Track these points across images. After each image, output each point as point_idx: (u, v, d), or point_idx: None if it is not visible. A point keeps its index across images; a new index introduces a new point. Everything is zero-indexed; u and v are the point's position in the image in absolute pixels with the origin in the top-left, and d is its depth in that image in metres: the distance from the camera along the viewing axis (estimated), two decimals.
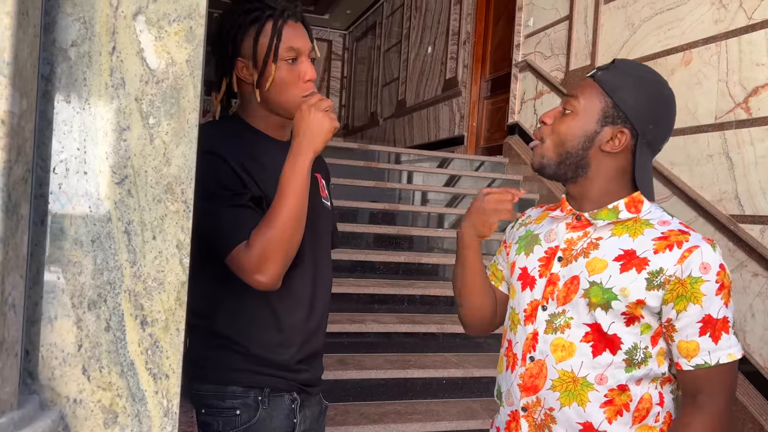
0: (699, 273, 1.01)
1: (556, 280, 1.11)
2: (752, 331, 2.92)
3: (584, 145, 1.09)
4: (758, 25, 3.03)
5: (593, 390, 1.06)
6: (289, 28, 1.24)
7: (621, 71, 1.10)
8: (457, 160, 5.52)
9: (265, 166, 1.23)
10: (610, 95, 1.08)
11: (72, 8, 0.69)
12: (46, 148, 0.69)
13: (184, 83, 0.73)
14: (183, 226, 0.73)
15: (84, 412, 0.71)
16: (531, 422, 1.11)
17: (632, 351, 1.05)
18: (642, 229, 1.08)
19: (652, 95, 1.10)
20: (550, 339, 1.10)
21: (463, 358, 3.20)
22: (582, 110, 1.09)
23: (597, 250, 1.09)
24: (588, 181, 1.11)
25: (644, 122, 1.08)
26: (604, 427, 1.06)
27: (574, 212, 1.14)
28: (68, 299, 0.70)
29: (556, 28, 4.82)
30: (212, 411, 1.24)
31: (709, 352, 1.02)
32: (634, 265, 1.04)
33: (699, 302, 1.01)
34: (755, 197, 2.98)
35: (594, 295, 1.06)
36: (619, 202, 1.10)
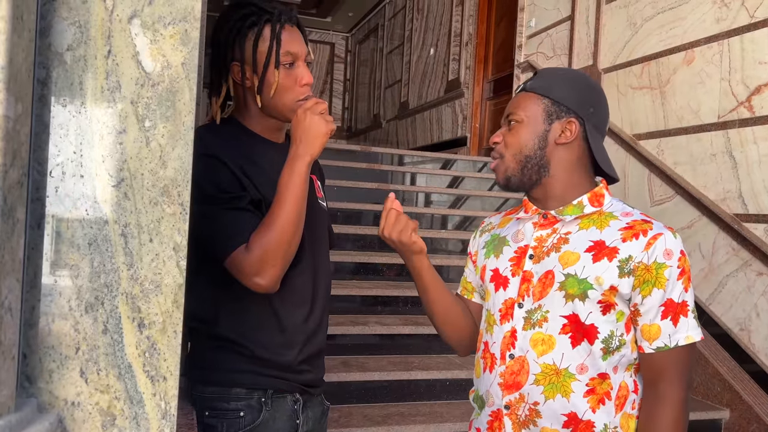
0: (663, 259, 1.06)
1: (530, 277, 1.15)
2: (757, 330, 2.91)
3: (540, 145, 1.15)
4: (760, 24, 3.02)
5: (575, 380, 1.09)
6: (286, 32, 1.25)
7: (544, 76, 1.19)
8: (460, 161, 5.52)
9: (263, 168, 1.24)
10: (546, 95, 1.16)
11: (68, 12, 0.69)
12: (42, 151, 0.69)
13: (179, 86, 0.73)
14: (180, 228, 0.74)
15: (82, 414, 0.71)
16: (515, 419, 1.12)
17: (608, 339, 1.09)
18: (607, 221, 1.13)
19: (581, 84, 1.19)
20: (529, 335, 1.12)
21: (467, 359, 3.19)
22: (526, 117, 1.16)
23: (567, 244, 1.13)
24: (551, 179, 1.16)
25: (585, 107, 1.15)
26: (588, 416, 1.09)
27: (540, 211, 1.19)
28: (65, 302, 0.70)
29: (558, 28, 4.82)
30: (216, 413, 1.24)
31: (669, 335, 1.07)
32: (606, 255, 1.09)
33: (662, 287, 1.06)
34: (759, 196, 2.97)
35: (570, 287, 1.09)
36: (583, 197, 1.16)
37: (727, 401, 2.98)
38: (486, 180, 5.25)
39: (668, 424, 1.06)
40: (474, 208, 5.01)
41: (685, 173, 3.44)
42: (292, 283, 1.25)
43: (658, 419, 1.07)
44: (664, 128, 3.61)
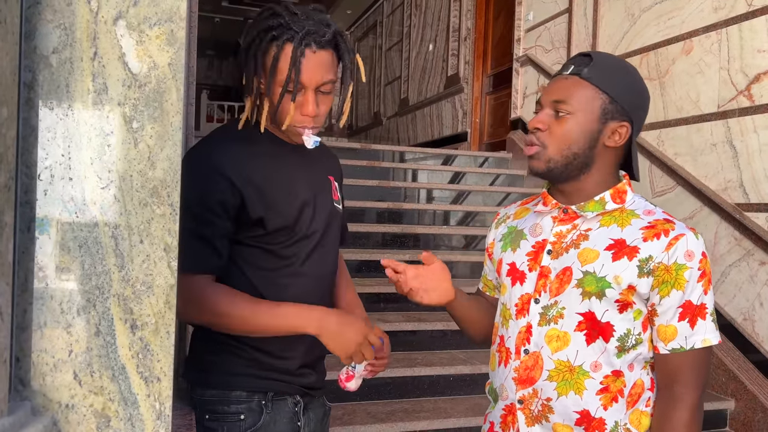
0: (684, 260, 1.04)
1: (547, 273, 1.12)
2: (761, 320, 2.90)
3: (590, 144, 1.09)
4: (758, 12, 3.00)
5: (589, 378, 1.08)
6: (306, 59, 1.14)
7: (603, 66, 1.09)
8: (461, 156, 5.52)
9: (280, 177, 1.24)
10: (604, 91, 1.07)
11: (52, 15, 0.69)
12: (30, 155, 0.69)
13: (167, 86, 0.73)
14: (170, 229, 0.73)
15: (76, 417, 0.71)
16: (528, 414, 1.12)
17: (624, 338, 1.08)
18: (629, 219, 1.10)
19: (636, 85, 1.12)
20: (544, 331, 1.11)
21: (471, 354, 3.19)
22: (579, 110, 1.08)
23: (587, 240, 1.10)
24: (589, 176, 1.12)
25: (637, 111, 1.11)
26: (600, 414, 1.08)
27: (560, 206, 1.15)
28: (57, 305, 0.70)
29: (556, 21, 4.80)
30: (216, 416, 1.24)
31: (685, 337, 1.05)
32: (626, 254, 1.06)
33: (681, 288, 1.04)
34: (760, 185, 2.95)
35: (588, 284, 1.07)
36: (605, 193, 1.12)
37: (732, 391, 2.98)
38: (487, 175, 5.24)
39: (681, 426, 1.05)
40: (476, 203, 5.00)
41: (686, 164, 3.43)
42: (293, 292, 1.25)
43: (672, 422, 1.05)
44: (663, 119, 3.60)
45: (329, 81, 1.18)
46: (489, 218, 4.75)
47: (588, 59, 1.11)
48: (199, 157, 1.22)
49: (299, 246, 1.26)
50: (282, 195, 1.23)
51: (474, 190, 5.01)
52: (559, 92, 1.10)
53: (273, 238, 1.23)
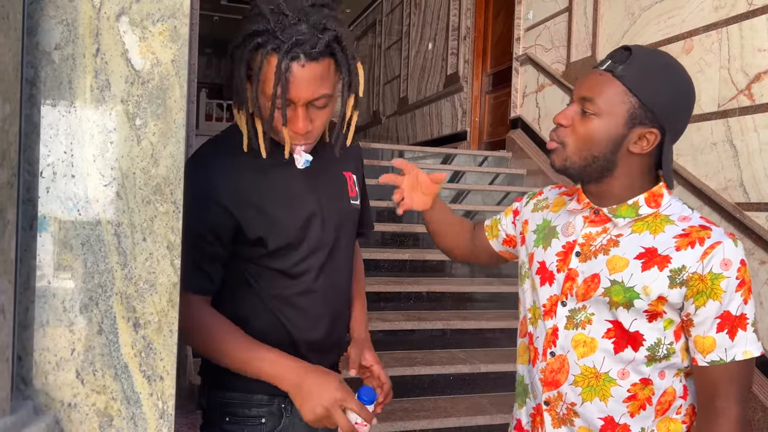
0: (720, 269, 0.98)
1: (574, 276, 1.08)
2: (761, 319, 2.90)
3: (612, 149, 1.03)
4: (759, 11, 3.00)
5: (616, 385, 1.05)
6: (293, 74, 1.02)
7: (641, 64, 1.02)
8: (461, 155, 5.51)
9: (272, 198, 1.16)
10: (635, 94, 1.01)
11: (55, 11, 0.69)
12: (32, 152, 0.69)
13: (170, 83, 0.73)
14: (173, 227, 0.73)
15: (79, 416, 0.70)
16: (554, 416, 1.10)
17: (654, 347, 1.03)
18: (662, 225, 1.04)
19: (675, 88, 1.03)
20: (571, 335, 1.08)
21: (471, 353, 3.19)
22: (605, 112, 1.02)
23: (617, 247, 1.05)
24: (613, 179, 1.07)
25: (672, 118, 1.03)
26: (624, 420, 1.05)
27: (592, 206, 1.10)
28: (60, 303, 0.70)
29: (555, 20, 4.80)
30: (237, 420, 1.21)
31: (725, 349, 1.00)
32: (656, 263, 1.01)
33: (718, 298, 0.99)
34: (760, 184, 2.95)
35: (615, 294, 1.03)
36: (639, 197, 1.06)
37: None
38: (487, 174, 5.23)
39: None
40: (475, 202, 5.00)
41: (686, 163, 3.42)
42: (301, 304, 1.21)
43: None
44: None
45: (322, 96, 1.05)
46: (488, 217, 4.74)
47: (627, 54, 1.03)
48: (196, 177, 1.06)
49: (309, 262, 1.20)
50: (283, 212, 1.15)
51: (473, 189, 5.00)
52: (589, 89, 1.04)
53: (278, 257, 1.16)
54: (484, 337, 3.36)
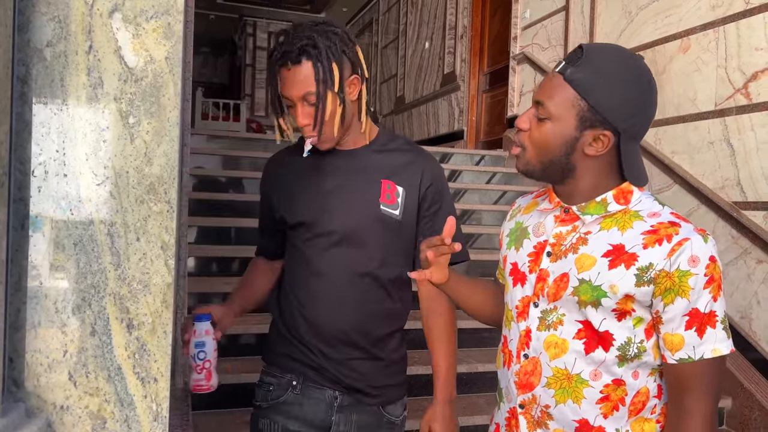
0: (687, 266, 0.97)
1: (545, 276, 1.08)
2: (758, 318, 2.90)
3: (566, 152, 1.04)
4: (756, 10, 3.00)
5: (588, 387, 1.04)
6: (281, 75, 1.26)
7: (592, 67, 1.01)
8: (458, 155, 5.50)
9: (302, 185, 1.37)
10: (584, 97, 1.00)
11: (46, 7, 0.68)
12: (24, 150, 0.68)
13: (164, 81, 0.72)
14: (167, 226, 0.72)
15: (71, 418, 0.69)
16: (529, 419, 1.10)
17: (625, 347, 1.03)
18: (631, 221, 1.03)
19: (628, 89, 1.01)
20: (543, 336, 1.08)
21: (467, 353, 3.18)
22: (557, 116, 1.02)
23: (586, 245, 1.05)
24: (575, 181, 1.07)
25: (624, 120, 1.01)
26: (599, 423, 1.04)
27: (563, 205, 1.10)
28: (52, 304, 0.69)
29: (552, 19, 4.79)
30: (259, 383, 1.40)
31: (693, 347, 0.99)
32: (623, 261, 1.01)
33: (686, 296, 0.98)
34: (757, 183, 2.95)
35: (584, 293, 1.03)
36: (608, 194, 1.06)
37: (729, 389, 2.98)
38: (484, 173, 5.23)
39: None
40: (472, 201, 4.99)
41: (683, 162, 3.42)
42: (310, 285, 1.33)
43: None
44: (661, 117, 3.60)
45: (309, 93, 1.24)
46: (485, 216, 4.74)
47: (580, 55, 1.02)
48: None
49: (317, 244, 1.33)
50: (301, 195, 1.35)
51: (470, 188, 4.99)
52: (541, 92, 1.05)
53: (295, 235, 1.36)
54: (480, 336, 3.34)
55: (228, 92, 14.02)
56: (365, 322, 1.34)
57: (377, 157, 1.36)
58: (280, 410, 1.33)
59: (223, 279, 3.39)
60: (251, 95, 12.09)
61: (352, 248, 1.32)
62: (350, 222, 1.32)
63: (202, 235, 3.83)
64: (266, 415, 1.35)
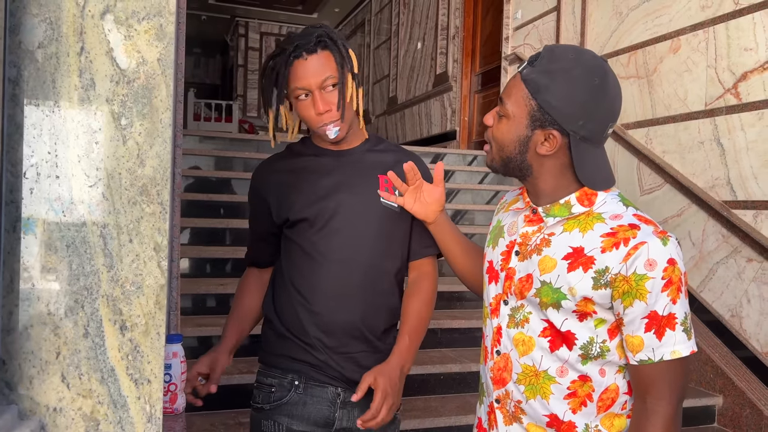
0: (644, 270, 0.98)
1: (512, 275, 1.11)
2: (748, 316, 2.92)
3: (521, 150, 1.07)
4: (745, 10, 3.03)
5: (555, 383, 1.06)
6: (296, 68, 1.29)
7: (546, 67, 1.03)
8: (450, 155, 5.51)
9: (301, 186, 1.37)
10: (533, 97, 1.03)
11: (38, 9, 0.68)
12: (15, 152, 0.67)
13: (156, 82, 0.72)
14: (160, 228, 0.72)
15: (65, 420, 0.69)
16: (505, 413, 1.12)
17: (587, 346, 1.04)
18: (592, 223, 1.04)
19: (578, 90, 1.02)
20: (512, 333, 1.10)
21: (461, 352, 3.19)
22: (512, 115, 1.06)
23: (549, 247, 1.07)
24: (535, 179, 1.09)
25: (572, 121, 1.02)
26: (569, 417, 1.06)
27: (531, 205, 1.13)
28: (44, 306, 0.69)
29: (544, 19, 4.81)
30: (258, 385, 1.40)
31: (652, 349, 1.00)
32: (581, 264, 1.02)
33: (644, 299, 0.99)
34: (747, 182, 2.98)
35: (545, 295, 1.05)
36: (571, 196, 1.07)
37: (719, 387, 3.00)
38: (476, 173, 5.24)
39: None
40: (465, 201, 5.00)
41: (674, 161, 3.45)
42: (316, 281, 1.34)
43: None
44: (651, 117, 3.62)
45: (329, 77, 1.29)
46: (478, 216, 4.75)
47: (538, 56, 1.06)
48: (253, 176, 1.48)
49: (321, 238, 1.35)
50: (302, 193, 1.36)
51: (463, 188, 5.01)
52: (504, 90, 1.09)
53: (297, 230, 1.37)
54: (473, 336, 3.36)
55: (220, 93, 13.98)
56: (372, 315, 1.37)
57: (371, 155, 1.42)
58: (283, 411, 1.34)
59: (217, 280, 3.38)
60: (243, 96, 12.06)
61: (355, 241, 1.34)
62: (353, 215, 1.35)
63: (195, 236, 3.82)
64: (269, 416, 1.35)
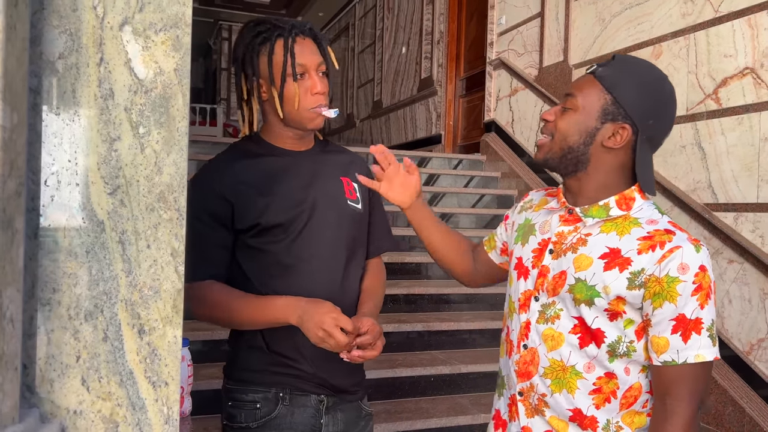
0: (676, 273, 1.02)
1: (546, 272, 1.14)
2: (729, 316, 2.99)
3: (585, 141, 1.11)
4: (725, 18, 3.11)
5: (582, 378, 1.09)
6: (297, 45, 1.29)
7: (620, 67, 1.10)
8: (435, 159, 5.55)
9: (271, 189, 1.31)
10: (609, 91, 1.09)
11: (58, 20, 0.69)
12: (36, 161, 0.69)
13: (172, 92, 0.73)
14: (177, 233, 0.74)
15: (84, 423, 0.71)
16: (528, 406, 1.16)
17: (615, 344, 1.07)
18: (629, 227, 1.08)
19: (651, 91, 1.10)
20: (541, 329, 1.13)
21: (450, 354, 3.22)
22: (581, 107, 1.10)
23: (585, 246, 1.10)
24: (586, 175, 1.13)
25: (644, 118, 1.08)
26: (592, 413, 1.10)
27: (567, 206, 1.16)
28: (65, 311, 0.70)
29: (528, 25, 4.88)
30: (236, 404, 1.33)
31: (677, 351, 1.03)
32: (618, 264, 1.06)
33: (674, 301, 1.02)
34: (728, 185, 3.05)
35: (578, 292, 1.08)
36: (610, 199, 1.11)
37: None
38: (461, 177, 5.29)
39: None
40: (450, 205, 5.04)
41: (657, 165, 3.52)
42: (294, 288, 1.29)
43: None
44: None
45: (322, 62, 1.32)
46: (463, 219, 4.80)
47: (610, 60, 1.12)
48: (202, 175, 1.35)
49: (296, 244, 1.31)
50: (274, 196, 1.30)
51: (448, 191, 5.05)
52: (572, 87, 1.14)
53: (270, 237, 1.30)
54: (461, 338, 3.39)
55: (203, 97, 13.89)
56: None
57: (326, 157, 1.42)
58: (272, 426, 1.31)
59: None
60: (227, 99, 12.02)
61: (328, 245, 1.34)
62: (326, 220, 1.34)
63: None
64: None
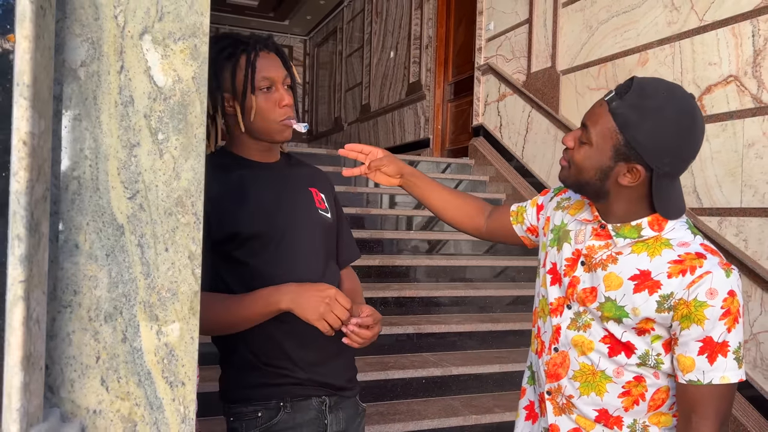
0: (704, 297, 1.03)
1: (576, 283, 1.16)
2: None
3: (600, 177, 1.09)
4: (709, 27, 3.18)
5: (611, 382, 1.12)
6: (261, 59, 1.31)
7: (635, 102, 1.04)
8: (424, 162, 5.59)
9: (246, 199, 1.31)
10: (621, 131, 1.05)
11: (80, 29, 0.71)
12: (58, 166, 0.70)
13: (190, 99, 0.75)
14: (194, 237, 0.76)
15: (104, 422, 0.72)
16: (555, 405, 1.20)
17: (645, 356, 1.10)
18: (660, 249, 1.08)
19: (667, 132, 1.04)
20: (571, 335, 1.16)
21: (441, 356, 3.25)
22: (596, 143, 1.08)
23: (615, 265, 1.11)
24: (609, 204, 1.13)
25: (659, 158, 1.05)
26: (618, 413, 1.13)
27: (600, 220, 1.16)
28: (85, 313, 0.72)
29: (516, 31, 4.94)
30: (238, 416, 1.33)
31: (703, 372, 1.05)
32: (647, 287, 1.07)
33: (701, 324, 1.04)
34: (712, 190, 3.12)
35: (607, 310, 1.10)
36: (643, 220, 1.11)
37: None
38: (450, 180, 5.33)
39: None
40: None
41: None
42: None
43: None
44: None
45: (287, 75, 1.34)
46: None
47: (628, 87, 1.06)
48: None
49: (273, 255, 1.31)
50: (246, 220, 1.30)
51: None
52: (588, 117, 1.11)
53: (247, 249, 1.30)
54: (451, 340, 3.42)
55: None
56: None
57: (292, 169, 1.44)
58: (276, 431, 1.30)
59: None
60: None
61: (306, 254, 1.35)
62: (302, 229, 1.36)
63: None
64: None
